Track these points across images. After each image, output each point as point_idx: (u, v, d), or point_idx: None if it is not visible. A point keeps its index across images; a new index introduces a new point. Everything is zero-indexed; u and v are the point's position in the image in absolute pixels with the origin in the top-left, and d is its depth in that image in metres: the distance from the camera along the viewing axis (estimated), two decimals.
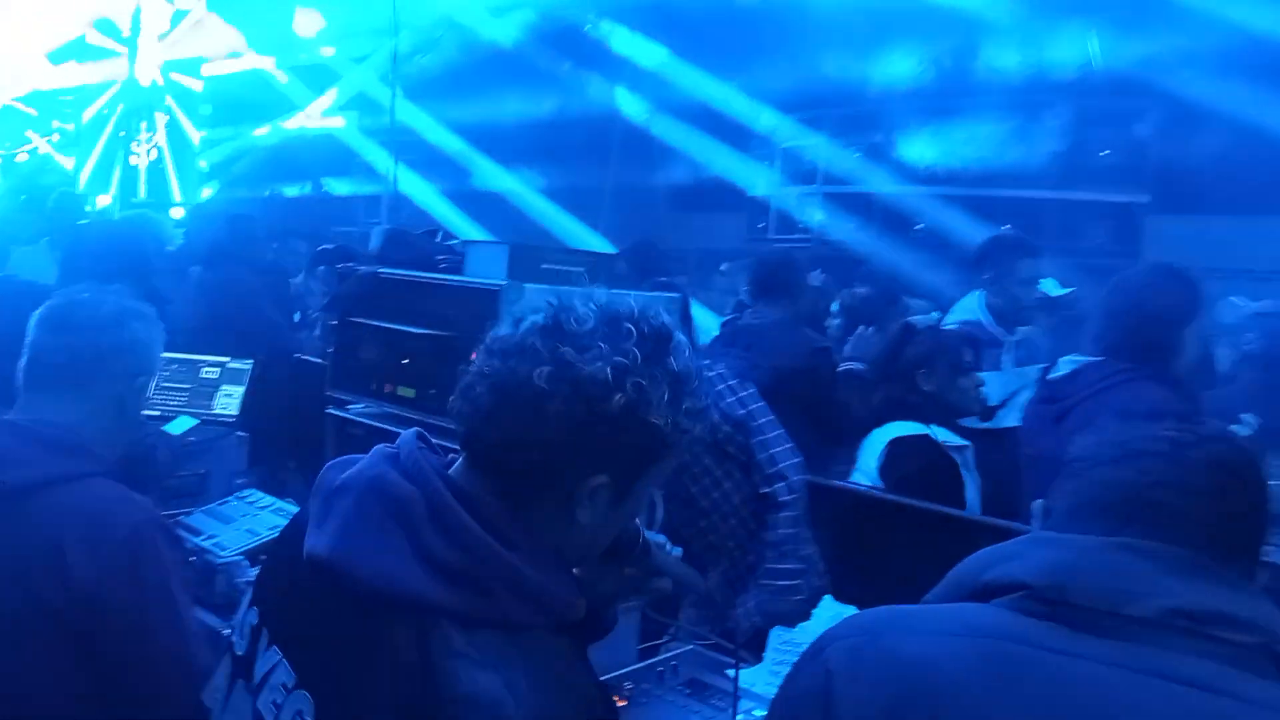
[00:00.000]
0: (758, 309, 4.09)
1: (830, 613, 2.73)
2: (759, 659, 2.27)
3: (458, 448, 1.25)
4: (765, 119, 9.67)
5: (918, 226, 8.48)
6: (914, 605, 1.21)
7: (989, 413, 3.54)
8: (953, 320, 3.94)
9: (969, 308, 3.98)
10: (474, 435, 1.21)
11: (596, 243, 9.73)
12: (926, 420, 3.09)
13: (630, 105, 10.59)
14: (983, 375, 3.43)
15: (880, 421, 3.16)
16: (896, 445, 3.04)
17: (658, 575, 1.46)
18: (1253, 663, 1.06)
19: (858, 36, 8.45)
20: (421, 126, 11.21)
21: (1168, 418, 1.29)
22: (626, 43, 10.23)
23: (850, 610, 2.73)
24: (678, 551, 1.51)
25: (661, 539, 1.48)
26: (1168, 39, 7.15)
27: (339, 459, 1.30)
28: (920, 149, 8.68)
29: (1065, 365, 2.81)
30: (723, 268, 7.62)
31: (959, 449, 3.11)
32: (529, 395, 1.15)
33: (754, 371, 3.82)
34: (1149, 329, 2.67)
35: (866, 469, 3.13)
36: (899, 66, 8.44)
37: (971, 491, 3.08)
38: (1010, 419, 3.55)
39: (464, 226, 9.85)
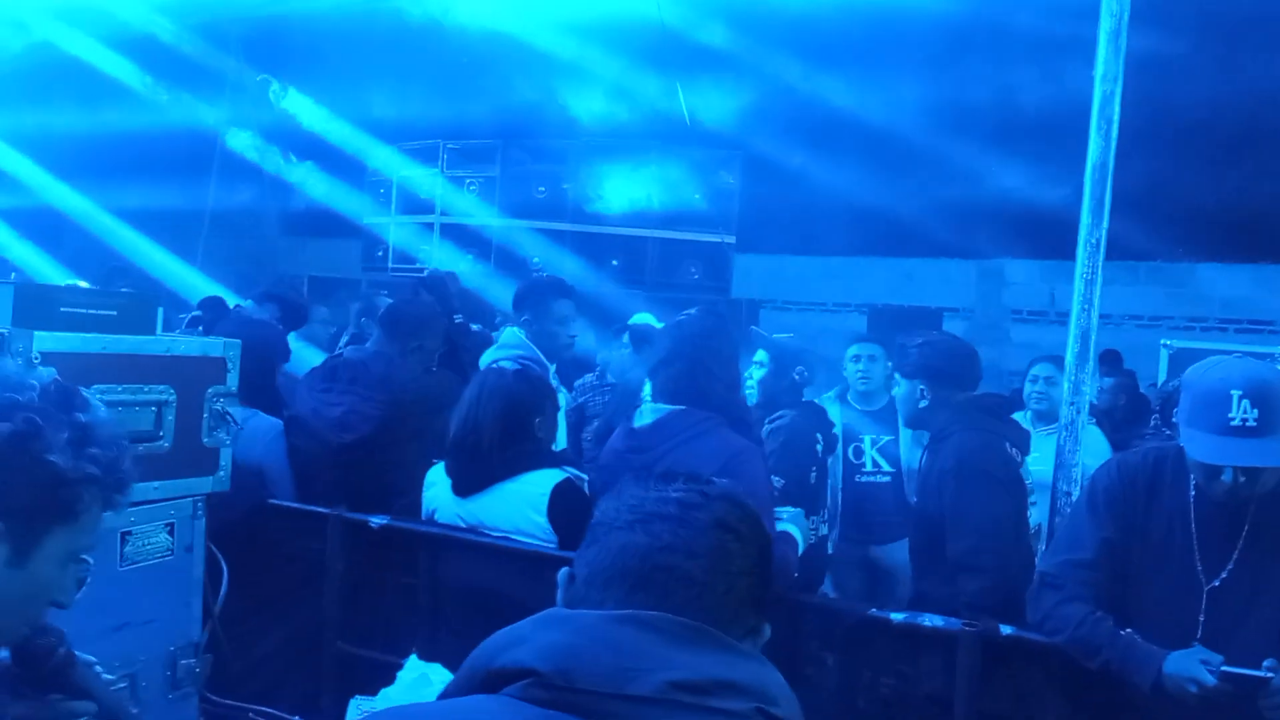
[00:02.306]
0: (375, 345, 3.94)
1: (415, 673, 2.60)
2: None
3: None
4: (379, 148, 9.44)
5: (534, 260, 8.62)
6: (428, 702, 1.16)
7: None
8: (505, 355, 3.98)
9: (517, 342, 4.07)
10: None
11: (188, 271, 8.94)
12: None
13: (230, 125, 9.91)
14: None
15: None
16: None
17: (79, 699, 1.27)
18: None
19: (472, 70, 8.49)
20: None
21: (679, 477, 1.30)
22: (226, 62, 9.58)
23: (435, 668, 2.62)
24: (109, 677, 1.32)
25: (92, 659, 1.29)
26: (745, 98, 7.93)
27: None
28: (533, 185, 8.86)
29: (649, 413, 2.86)
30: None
31: None
32: None
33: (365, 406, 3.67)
34: (710, 374, 2.80)
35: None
36: (512, 104, 8.58)
37: None
38: None
39: (20, 250, 8.63)
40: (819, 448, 4.01)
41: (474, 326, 5.15)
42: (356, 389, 3.74)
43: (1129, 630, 2.33)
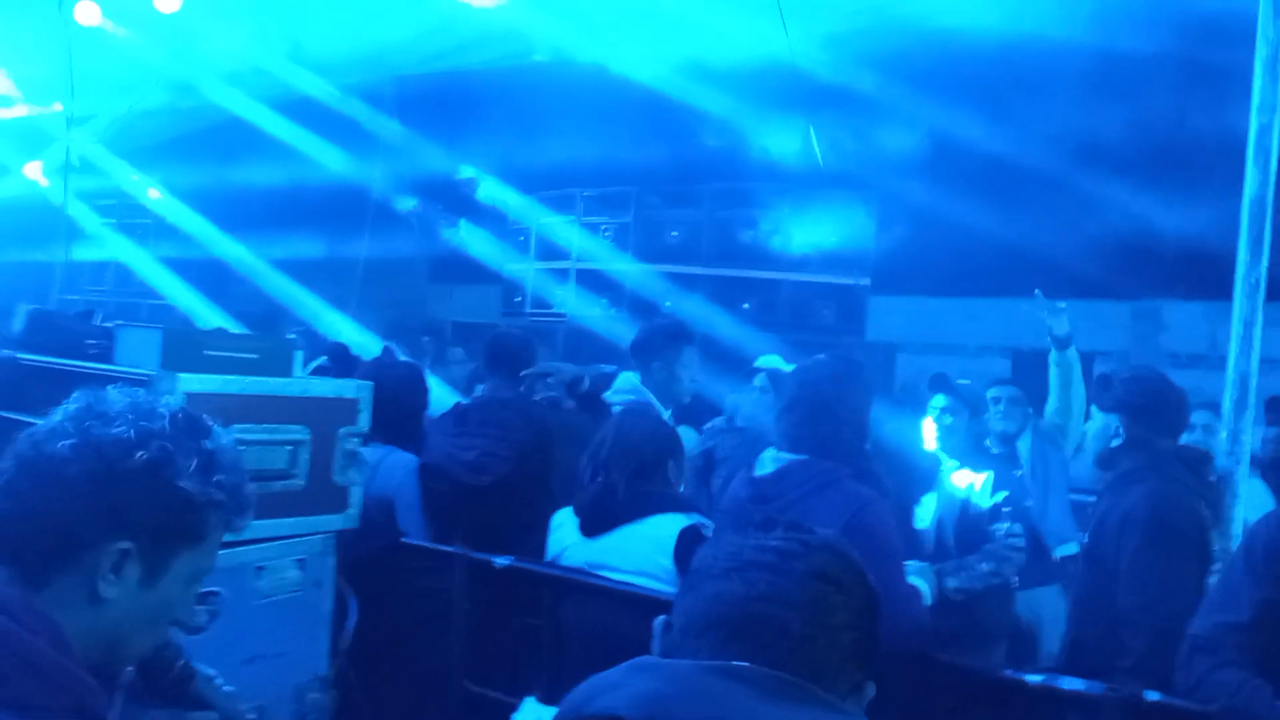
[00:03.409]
0: (492, 385, 4.02)
1: (530, 716, 2.61)
2: None
3: None
4: (515, 197, 9.77)
5: (666, 304, 8.68)
6: None
7: None
8: (618, 400, 3.99)
9: (631, 387, 4.05)
10: None
11: (342, 319, 9.38)
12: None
13: (381, 179, 10.44)
14: None
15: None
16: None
17: (200, 710, 1.33)
18: None
19: (601, 118, 8.68)
20: (144, 192, 10.56)
21: (780, 525, 1.27)
22: (372, 118, 10.12)
23: (551, 712, 2.61)
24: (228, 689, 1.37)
25: (211, 672, 1.35)
26: (879, 138, 7.82)
27: None
28: (666, 230, 8.95)
29: (770, 462, 2.80)
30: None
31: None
32: (50, 463, 1.12)
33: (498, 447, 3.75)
34: (838, 422, 2.73)
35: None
36: (643, 150, 8.72)
37: None
38: None
39: (187, 297, 9.26)
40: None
41: (607, 369, 5.23)
42: (488, 430, 3.83)
43: None
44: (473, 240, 10.50)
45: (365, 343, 6.68)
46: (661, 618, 1.29)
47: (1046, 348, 4.95)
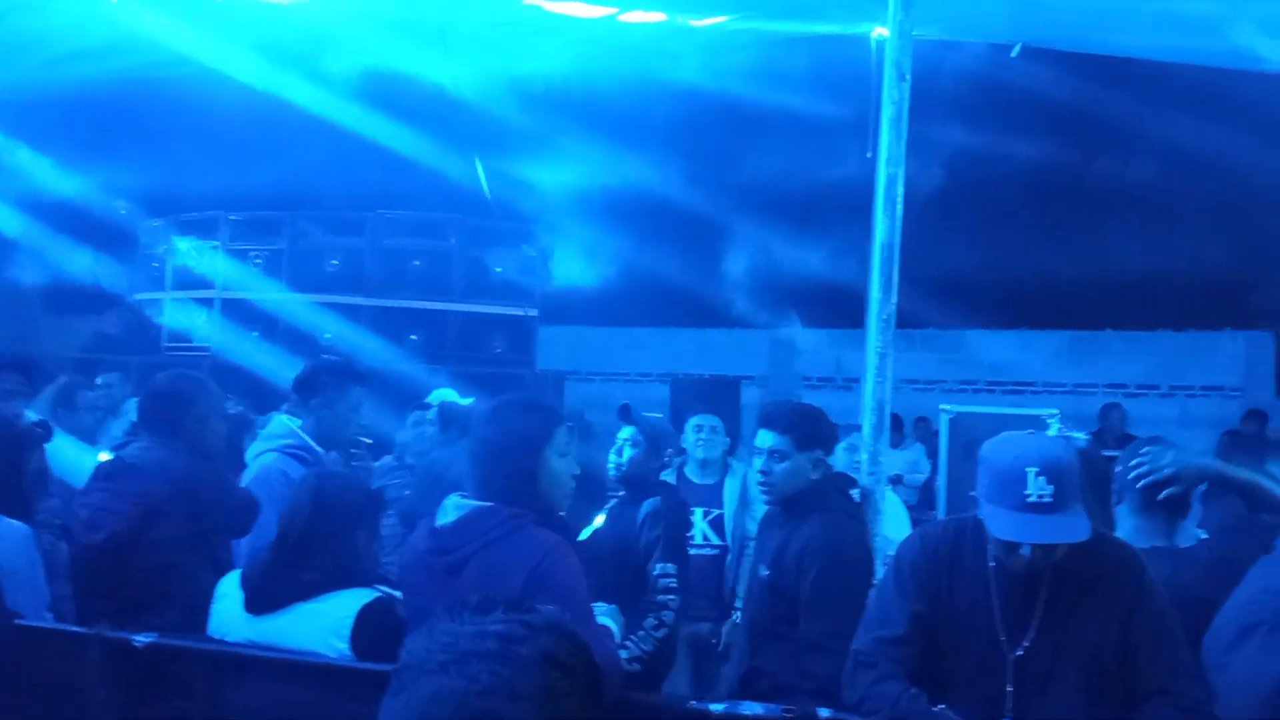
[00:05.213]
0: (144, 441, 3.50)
1: None
2: None
3: None
4: (146, 220, 8.85)
5: (326, 336, 8.24)
6: None
7: None
8: (273, 447, 3.71)
9: (286, 432, 3.79)
10: None
11: None
12: None
13: None
14: None
15: None
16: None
17: None
18: None
19: (252, 140, 8.12)
20: None
21: (497, 606, 1.17)
22: None
23: None
24: None
25: None
26: (547, 176, 7.99)
27: None
28: (326, 258, 8.52)
29: (452, 509, 2.66)
30: (99, 380, 6.60)
31: None
32: None
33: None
34: (527, 465, 2.64)
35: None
36: (298, 174, 8.25)
37: None
38: None
39: None
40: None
41: (233, 410, 4.79)
42: (110, 485, 3.37)
43: (943, 706, 2.34)
44: (94, 267, 9.37)
45: None
46: None
47: (699, 374, 5.23)
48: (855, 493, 3.59)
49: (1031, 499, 2.27)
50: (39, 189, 9.05)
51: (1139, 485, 2.79)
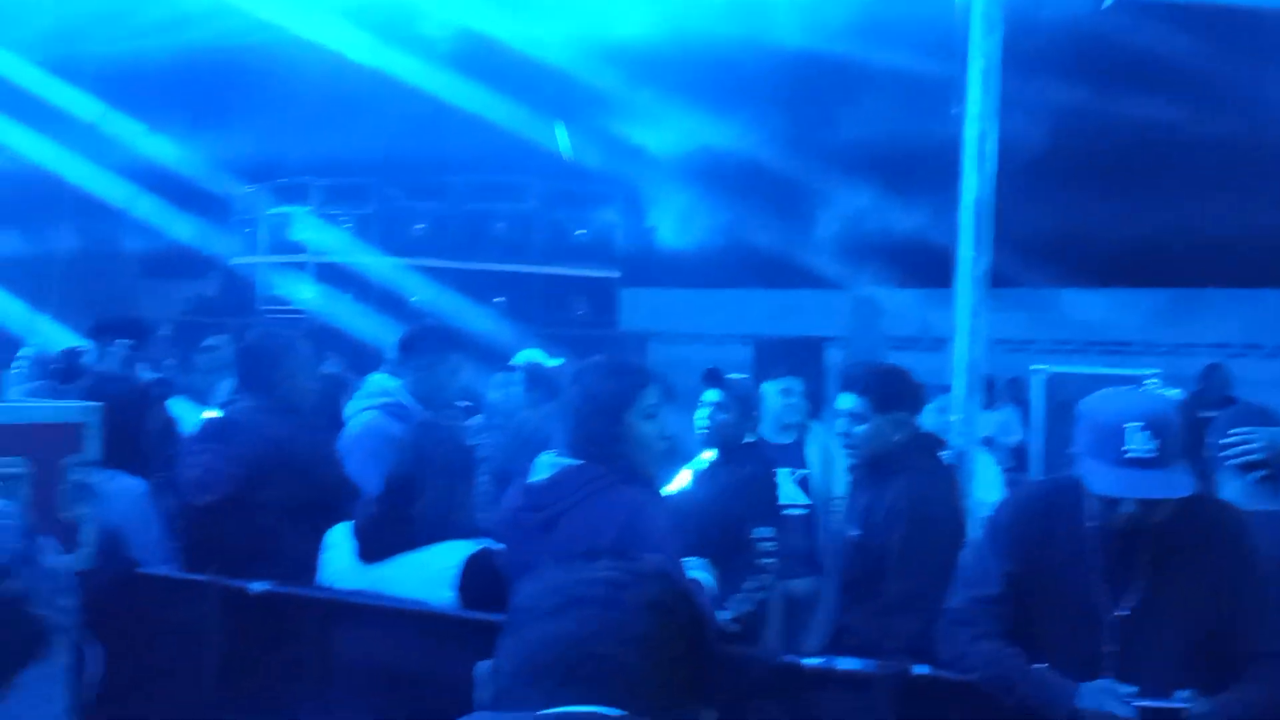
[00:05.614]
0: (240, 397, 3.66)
1: None
2: None
3: None
4: (241, 185, 9.11)
5: (414, 299, 8.42)
6: None
7: None
8: (374, 405, 3.82)
9: (385, 390, 3.88)
10: None
11: (44, 321, 8.39)
12: None
13: (74, 164, 9.40)
14: None
15: None
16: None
17: None
18: None
19: (340, 107, 8.28)
20: None
21: (604, 555, 1.22)
22: (60, 95, 9.06)
23: None
24: None
25: None
26: (633, 137, 7.99)
27: None
28: (412, 222, 8.68)
29: (545, 468, 2.74)
30: (208, 342, 6.85)
31: None
32: None
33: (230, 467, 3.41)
34: (615, 425, 2.70)
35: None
36: (386, 141, 8.40)
37: None
38: None
39: None
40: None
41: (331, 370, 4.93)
42: (217, 446, 3.51)
43: (1044, 665, 2.33)
44: (191, 231, 9.70)
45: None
46: (484, 664, 1.20)
47: (783, 336, 5.19)
48: (945, 454, 3.56)
49: (1133, 454, 2.23)
50: (137, 157, 9.37)
51: (1233, 464, 2.74)
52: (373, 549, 2.81)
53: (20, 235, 9.31)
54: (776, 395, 4.96)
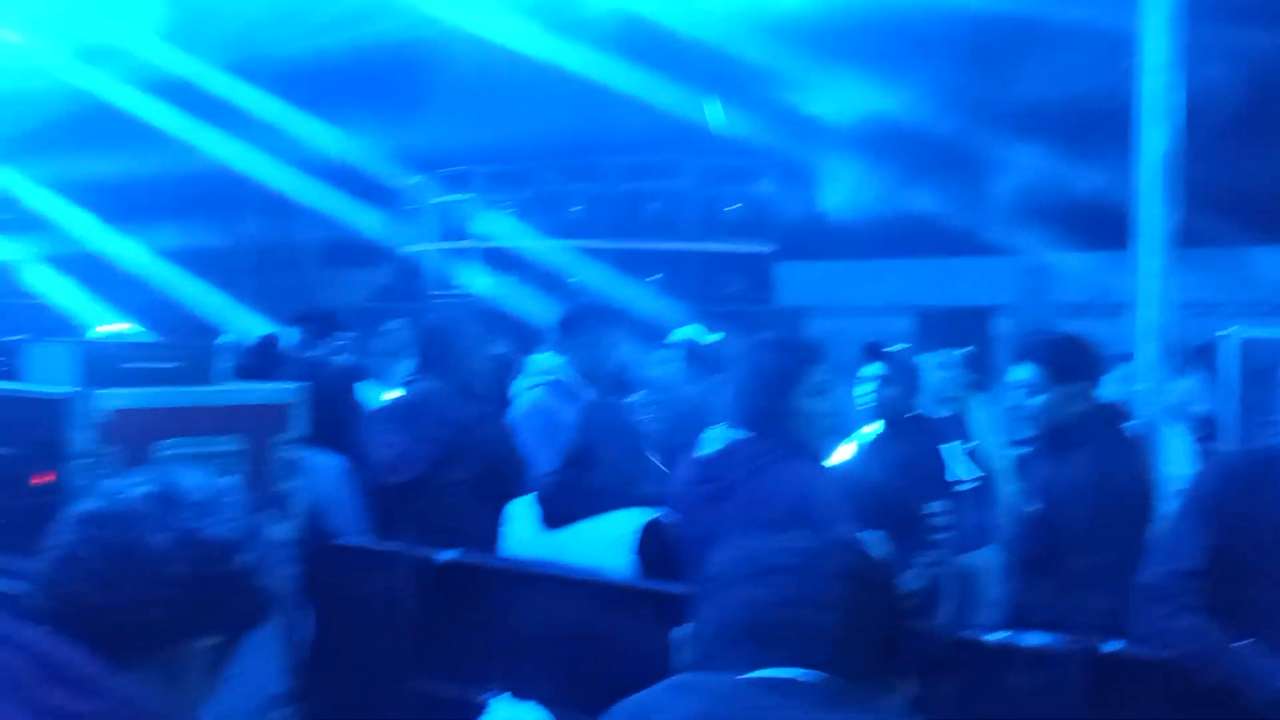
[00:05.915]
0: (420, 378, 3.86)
1: (507, 713, 2.54)
2: None
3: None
4: (409, 175, 9.51)
5: (572, 279, 8.62)
6: None
7: None
8: (541, 382, 3.92)
9: (552, 368, 3.97)
10: (76, 603, 1.12)
11: (235, 308, 9.01)
12: None
13: (258, 160, 10.02)
14: None
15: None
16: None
17: None
18: None
19: (499, 95, 8.51)
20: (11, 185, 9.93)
21: (798, 527, 1.26)
22: (244, 95, 9.65)
23: (528, 708, 2.54)
24: None
25: None
26: (787, 109, 7.89)
27: None
28: (567, 204, 8.87)
29: (713, 442, 2.77)
30: (386, 327, 7.22)
31: None
32: (148, 557, 1.11)
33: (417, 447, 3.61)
34: (764, 398, 2.71)
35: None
36: (542, 126, 8.59)
37: None
38: None
39: (71, 296, 8.75)
40: None
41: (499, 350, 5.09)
42: (405, 428, 3.69)
43: (1248, 641, 2.22)
44: (367, 222, 10.20)
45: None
46: (685, 627, 1.24)
47: (947, 305, 5.04)
48: (1131, 425, 3.40)
49: None
50: (313, 151, 9.91)
51: None
52: (556, 515, 2.93)
53: (212, 230, 10.01)
54: (935, 368, 4.86)
